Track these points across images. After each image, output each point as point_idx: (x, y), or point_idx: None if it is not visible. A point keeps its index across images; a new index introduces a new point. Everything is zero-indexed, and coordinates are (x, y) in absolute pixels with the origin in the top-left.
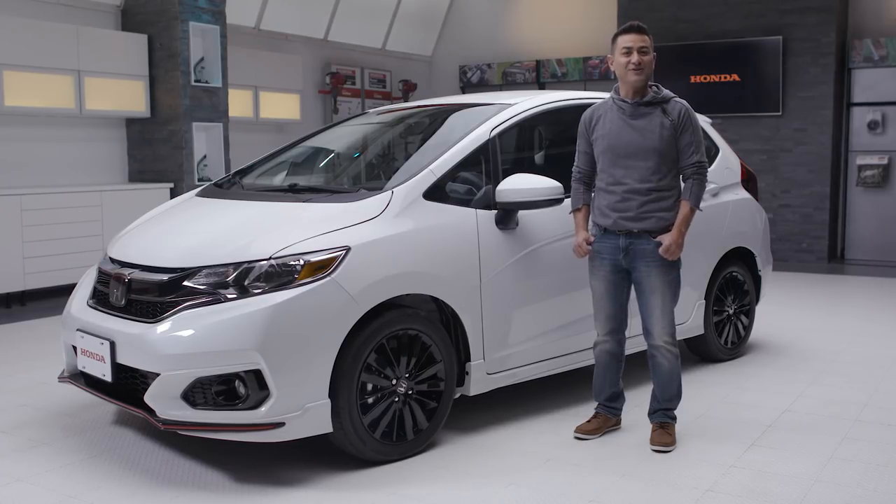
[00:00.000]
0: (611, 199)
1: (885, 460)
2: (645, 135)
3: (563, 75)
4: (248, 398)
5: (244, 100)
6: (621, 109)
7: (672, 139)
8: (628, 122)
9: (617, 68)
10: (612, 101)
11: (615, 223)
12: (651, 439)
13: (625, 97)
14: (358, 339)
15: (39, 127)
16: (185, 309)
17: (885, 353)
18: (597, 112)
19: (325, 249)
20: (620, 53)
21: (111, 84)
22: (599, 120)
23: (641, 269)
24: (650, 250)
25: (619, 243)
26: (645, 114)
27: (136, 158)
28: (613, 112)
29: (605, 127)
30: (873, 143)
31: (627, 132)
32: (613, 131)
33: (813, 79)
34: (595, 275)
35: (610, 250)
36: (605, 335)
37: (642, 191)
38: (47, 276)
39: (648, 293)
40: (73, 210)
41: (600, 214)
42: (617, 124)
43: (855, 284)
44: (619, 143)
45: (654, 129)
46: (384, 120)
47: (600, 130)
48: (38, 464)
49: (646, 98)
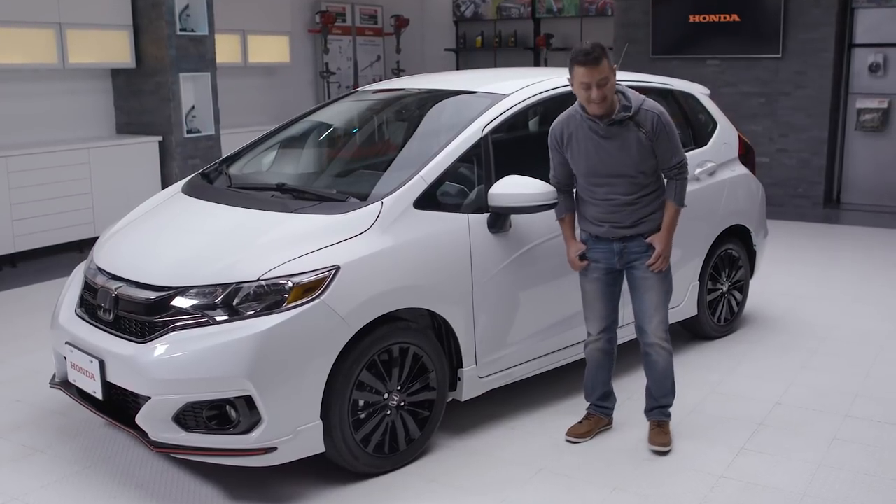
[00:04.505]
0: (599, 211)
1: (872, 468)
2: (622, 153)
3: (559, 11)
4: (240, 423)
5: (232, 45)
6: (593, 130)
7: (650, 149)
8: (603, 143)
9: (578, 96)
10: (580, 116)
11: (609, 231)
12: (650, 439)
13: (593, 116)
14: (349, 359)
15: (22, 83)
16: (174, 330)
17: (878, 326)
18: (566, 128)
19: (313, 270)
20: (579, 87)
21: (94, 35)
22: (571, 137)
23: (638, 269)
24: (643, 251)
25: (613, 248)
26: (618, 132)
27: (122, 110)
28: (585, 130)
29: (579, 146)
30: (874, 85)
31: (605, 153)
32: (590, 152)
33: (814, 19)
34: (588, 278)
35: (604, 256)
36: (598, 334)
37: (630, 201)
38: (37, 237)
39: (643, 292)
40: (61, 169)
41: (591, 224)
42: (591, 145)
43: (850, 237)
44: (597, 165)
45: (632, 146)
46: (371, 107)
47: (575, 149)
48: (34, 476)
49: (616, 117)
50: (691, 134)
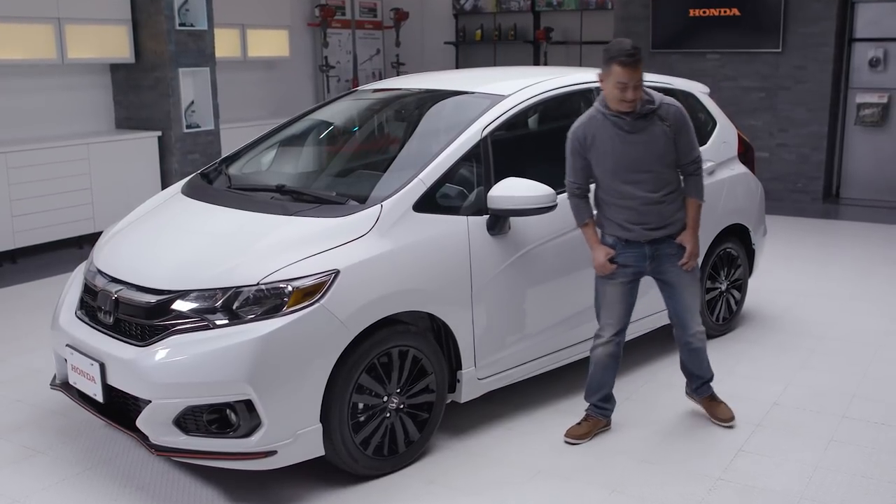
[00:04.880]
0: (627, 213)
1: (869, 470)
2: (649, 147)
3: (558, 4)
4: (240, 427)
5: (231, 39)
6: (618, 126)
7: (673, 143)
8: (630, 138)
9: (608, 94)
10: (602, 115)
11: (639, 234)
12: (714, 415)
13: (618, 112)
14: (349, 362)
15: (21, 78)
16: (174, 333)
17: (876, 325)
18: (589, 129)
19: (313, 274)
20: (615, 87)
21: (93, 30)
22: (595, 138)
23: (670, 270)
24: (675, 252)
25: (644, 252)
26: (644, 126)
27: (122, 105)
28: (609, 128)
29: (604, 145)
30: (874, 80)
31: (631, 148)
32: (616, 150)
33: (815, 14)
34: (612, 282)
35: (634, 260)
36: (611, 337)
37: (657, 200)
38: (37, 233)
39: (681, 291)
40: (61, 165)
41: (619, 228)
42: (618, 141)
43: (849, 233)
44: (624, 161)
45: (658, 140)
46: (370, 106)
47: (600, 149)
48: (35, 478)
49: (642, 111)
50: None
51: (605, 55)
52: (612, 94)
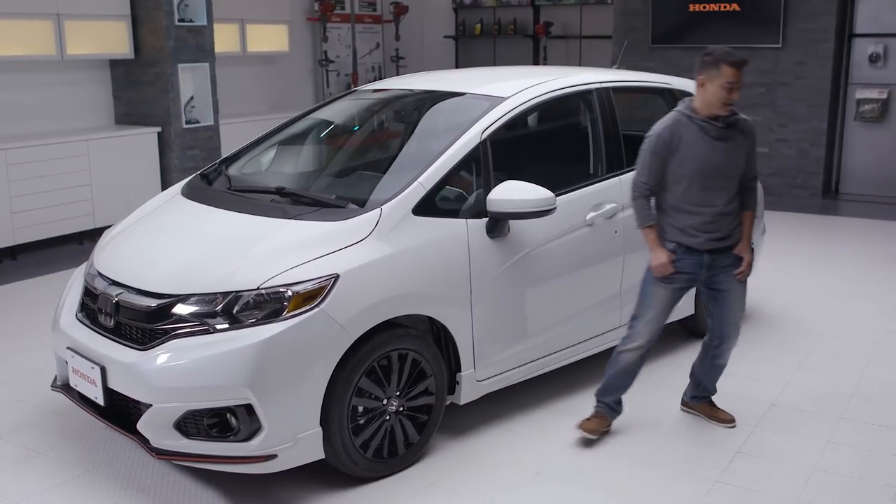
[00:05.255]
0: (698, 220)
1: (866, 473)
2: (731, 157)
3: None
4: (240, 431)
5: (230, 34)
6: (705, 131)
7: (745, 156)
8: (717, 144)
9: (711, 95)
10: (688, 119)
11: (704, 242)
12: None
13: (708, 118)
14: (348, 366)
15: (21, 74)
16: (174, 337)
17: (874, 323)
18: (675, 131)
19: (313, 279)
20: (721, 86)
21: (92, 26)
22: (681, 141)
23: (724, 281)
24: (731, 263)
25: (703, 260)
26: (729, 135)
27: (121, 100)
28: (695, 132)
29: (689, 149)
30: (873, 76)
31: (715, 156)
32: (702, 154)
33: (815, 9)
34: (665, 287)
35: (692, 267)
36: (643, 344)
37: (727, 211)
38: (37, 229)
39: (731, 302)
40: (60, 161)
41: (683, 234)
42: (703, 147)
43: (848, 229)
44: (709, 167)
45: (739, 150)
46: (369, 107)
47: (685, 152)
48: (36, 480)
49: (731, 119)
50: None
51: (711, 58)
52: (717, 96)
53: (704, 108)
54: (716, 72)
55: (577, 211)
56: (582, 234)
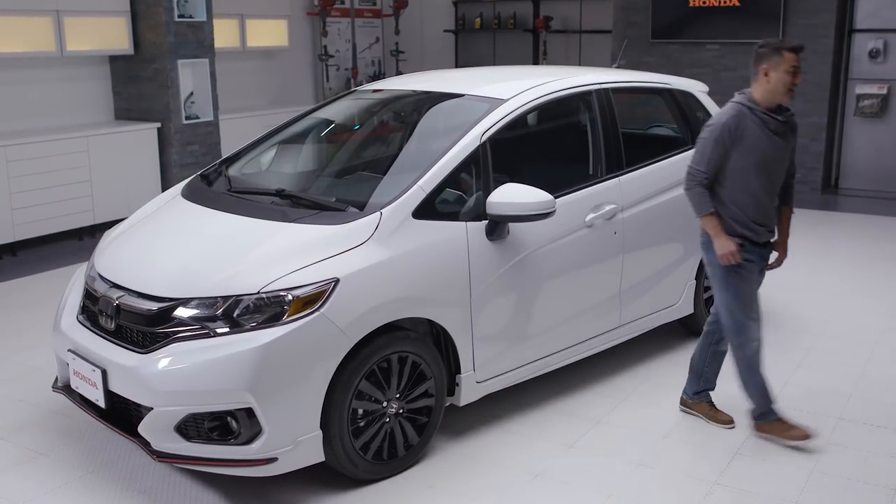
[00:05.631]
0: (755, 213)
1: (864, 475)
2: (784, 153)
3: None
4: (241, 434)
5: (230, 29)
6: (765, 123)
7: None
8: (773, 139)
9: (776, 84)
10: (748, 110)
11: (761, 234)
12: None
13: (768, 110)
14: (348, 369)
15: (20, 71)
16: (175, 341)
17: (873, 322)
18: (741, 121)
19: (313, 283)
20: (786, 72)
21: (92, 22)
22: (746, 131)
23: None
24: (766, 258)
25: (763, 252)
26: (783, 130)
27: (121, 96)
28: (757, 124)
29: (752, 140)
30: (873, 71)
31: (774, 150)
32: (763, 146)
33: (814, 5)
34: (747, 279)
35: (758, 257)
36: (760, 334)
37: (774, 205)
38: (37, 225)
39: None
40: (60, 157)
41: (742, 227)
42: (766, 139)
43: (847, 225)
44: (768, 159)
45: (789, 147)
46: (368, 108)
47: (747, 143)
48: (38, 481)
49: (787, 115)
50: (689, 133)
51: (769, 48)
52: (784, 82)
53: (767, 99)
54: (778, 59)
55: (577, 212)
56: (581, 236)
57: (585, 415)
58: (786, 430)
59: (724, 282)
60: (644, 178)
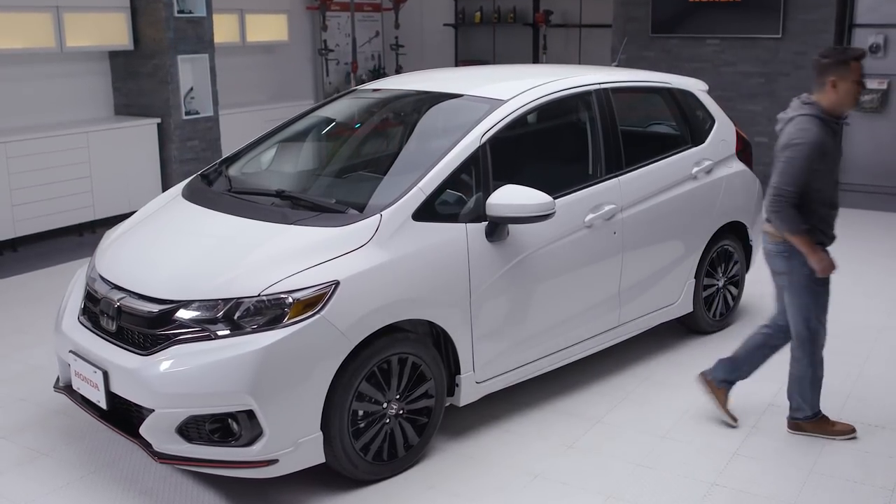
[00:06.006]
0: (833, 219)
1: (862, 475)
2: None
3: None
4: (242, 436)
5: (230, 24)
6: (835, 133)
7: None
8: (840, 145)
9: (845, 94)
10: (821, 121)
11: (833, 239)
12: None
13: (836, 118)
14: (348, 371)
15: (20, 67)
16: (176, 343)
17: (872, 320)
18: (824, 137)
19: (313, 286)
20: (854, 81)
21: (92, 18)
22: (826, 145)
23: None
24: None
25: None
26: (841, 135)
27: (121, 92)
28: (831, 134)
29: (830, 152)
30: (873, 66)
31: (840, 156)
32: (836, 156)
33: (815, 0)
34: (827, 286)
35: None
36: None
37: None
38: (38, 221)
39: None
40: (60, 153)
41: (823, 235)
42: (837, 148)
43: (847, 221)
44: (838, 167)
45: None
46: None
47: (829, 156)
48: (39, 481)
49: (846, 121)
50: (689, 131)
51: (837, 59)
52: (853, 91)
53: (836, 109)
54: (845, 70)
55: (577, 213)
56: (581, 236)
57: (585, 415)
58: (830, 427)
59: (808, 290)
60: (643, 178)
